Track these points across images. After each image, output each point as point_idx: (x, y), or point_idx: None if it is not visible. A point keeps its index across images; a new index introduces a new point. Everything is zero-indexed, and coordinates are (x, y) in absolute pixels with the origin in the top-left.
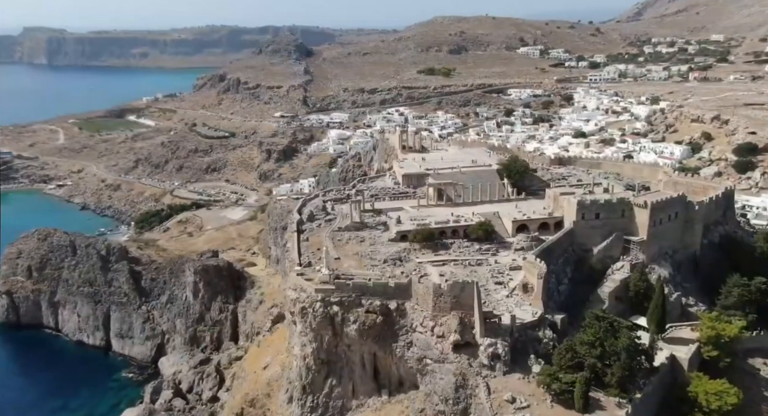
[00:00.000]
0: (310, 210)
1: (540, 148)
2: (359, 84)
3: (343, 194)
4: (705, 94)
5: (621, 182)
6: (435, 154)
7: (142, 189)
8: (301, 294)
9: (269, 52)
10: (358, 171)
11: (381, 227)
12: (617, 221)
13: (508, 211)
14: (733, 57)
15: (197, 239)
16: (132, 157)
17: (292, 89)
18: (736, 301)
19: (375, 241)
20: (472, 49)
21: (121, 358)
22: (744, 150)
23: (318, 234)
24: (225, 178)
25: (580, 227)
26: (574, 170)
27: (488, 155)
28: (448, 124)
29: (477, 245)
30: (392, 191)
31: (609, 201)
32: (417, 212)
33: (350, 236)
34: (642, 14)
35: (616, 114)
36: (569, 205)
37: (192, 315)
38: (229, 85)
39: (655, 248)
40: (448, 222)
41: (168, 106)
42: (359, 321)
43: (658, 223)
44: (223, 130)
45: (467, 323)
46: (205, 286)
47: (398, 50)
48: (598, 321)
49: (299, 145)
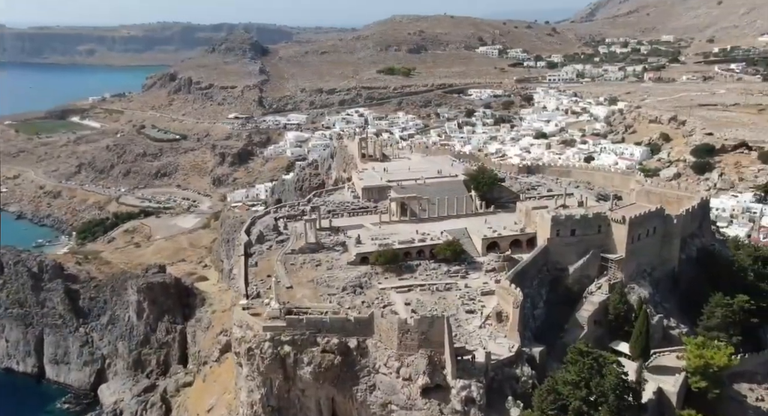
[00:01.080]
0: (259, 230)
1: (502, 149)
2: (317, 84)
3: (297, 211)
4: (661, 94)
5: (592, 191)
6: (397, 163)
7: (84, 196)
8: (247, 333)
9: (223, 51)
10: (315, 180)
11: (339, 247)
12: (593, 238)
13: (477, 227)
14: (684, 57)
15: (145, 250)
16: (74, 161)
17: (247, 89)
18: (719, 322)
19: (333, 264)
20: (432, 48)
21: (56, 386)
22: (701, 151)
23: (268, 258)
24: (176, 183)
25: (555, 244)
26: (543, 178)
27: (452, 163)
28: (409, 125)
29: (445, 267)
30: (351, 206)
31: (585, 217)
32: (379, 229)
33: (305, 260)
34: (595, 15)
35: (576, 114)
36: (543, 221)
37: (136, 337)
38: (181, 85)
39: (634, 265)
40: (413, 242)
41: (115, 106)
42: (314, 363)
43: (636, 239)
44: (173, 132)
45: (437, 362)
46: (149, 305)
47: (357, 49)
48: (582, 357)
49: (255, 148)
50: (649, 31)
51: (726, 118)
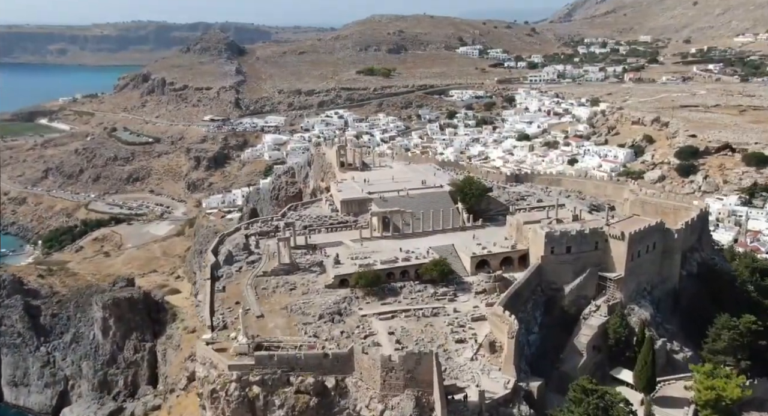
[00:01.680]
0: (228, 250)
1: (485, 152)
2: (296, 85)
3: (270, 227)
4: (642, 95)
5: (584, 201)
6: (378, 172)
7: (52, 203)
8: (211, 372)
9: (198, 51)
10: (291, 189)
11: (316, 268)
12: (590, 255)
13: (465, 243)
14: (662, 58)
15: (115, 259)
16: (41, 166)
17: (223, 91)
18: (726, 346)
19: (309, 288)
20: (412, 48)
21: (15, 410)
22: (685, 154)
23: (238, 282)
24: (149, 188)
25: (549, 262)
26: (532, 187)
27: (436, 172)
28: (390, 127)
29: (431, 289)
30: (329, 221)
31: (581, 232)
32: (359, 247)
33: (278, 283)
34: (572, 15)
35: (558, 116)
36: (536, 237)
37: (101, 357)
38: (154, 86)
39: (633, 284)
40: (397, 261)
41: (85, 108)
42: (287, 405)
43: (636, 256)
44: (146, 135)
45: (425, 404)
46: (116, 322)
47: (336, 49)
48: (587, 396)
49: (231, 151)
50: (627, 31)
51: (708, 119)
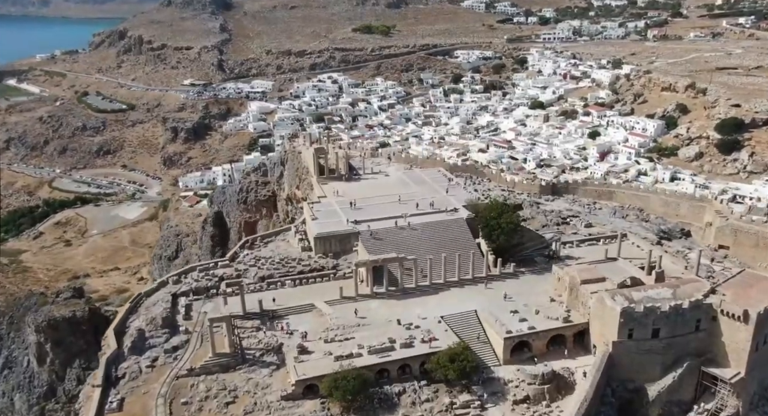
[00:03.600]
0: (139, 328)
1: (494, 122)
2: (285, 45)
3: (210, 280)
4: (669, 55)
5: (647, 224)
6: (369, 183)
7: (12, 178)
8: None
9: (180, 4)
10: (263, 191)
11: (271, 358)
12: (689, 341)
13: (493, 309)
14: (686, 11)
15: (76, 249)
16: (3, 135)
17: (205, 51)
18: None
19: (256, 400)
20: (413, 1)
21: None
22: (728, 127)
23: (146, 389)
24: (121, 163)
25: (626, 351)
26: (575, 203)
27: (447, 184)
28: (389, 93)
29: (446, 396)
30: (298, 267)
31: (677, 309)
32: (337, 317)
33: (209, 390)
34: None
35: (576, 80)
36: (604, 311)
37: (37, 389)
38: (131, 45)
39: (754, 385)
40: (392, 349)
41: (57, 68)
42: None
43: (761, 344)
44: (120, 101)
45: None
46: (53, 348)
47: (330, 3)
48: None
49: (213, 121)
50: None
51: (752, 84)
